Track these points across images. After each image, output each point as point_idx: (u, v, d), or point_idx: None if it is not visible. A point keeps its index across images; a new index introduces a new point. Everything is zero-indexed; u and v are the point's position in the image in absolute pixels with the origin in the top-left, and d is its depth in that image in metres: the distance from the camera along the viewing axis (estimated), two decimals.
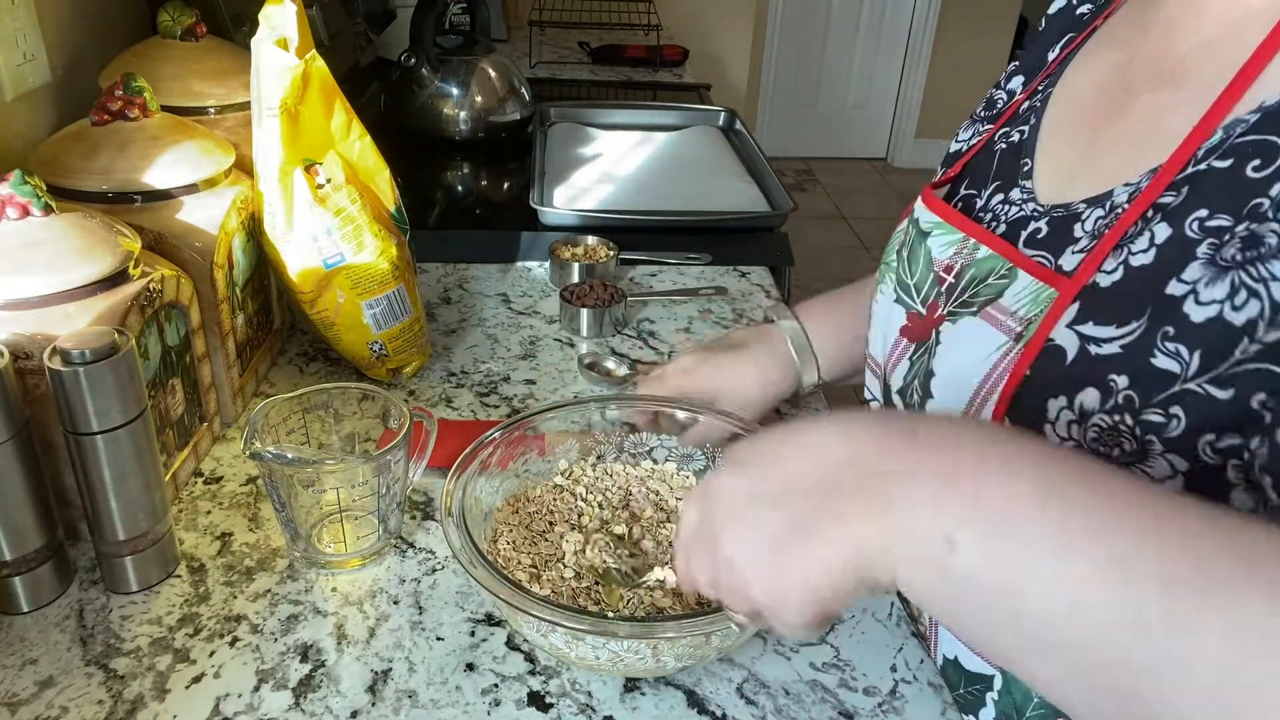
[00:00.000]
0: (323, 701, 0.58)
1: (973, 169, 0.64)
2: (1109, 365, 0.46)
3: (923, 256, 0.60)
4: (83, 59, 0.99)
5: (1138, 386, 0.44)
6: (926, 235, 0.61)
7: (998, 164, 0.61)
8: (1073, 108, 0.58)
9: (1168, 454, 0.44)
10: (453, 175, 1.51)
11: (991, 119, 0.66)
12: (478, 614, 0.65)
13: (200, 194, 0.79)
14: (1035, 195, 0.56)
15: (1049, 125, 0.59)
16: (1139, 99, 0.52)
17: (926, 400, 0.56)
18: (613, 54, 2.25)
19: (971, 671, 0.57)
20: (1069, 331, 0.48)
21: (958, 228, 0.59)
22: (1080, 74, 0.59)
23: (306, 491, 0.65)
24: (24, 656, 0.60)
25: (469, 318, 1.05)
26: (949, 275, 0.58)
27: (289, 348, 0.97)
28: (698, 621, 0.54)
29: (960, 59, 4.51)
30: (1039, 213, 0.55)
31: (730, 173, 1.43)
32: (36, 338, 0.61)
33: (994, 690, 0.55)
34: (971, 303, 0.55)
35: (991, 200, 0.59)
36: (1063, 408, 0.47)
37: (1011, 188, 0.58)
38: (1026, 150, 0.59)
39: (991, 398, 0.51)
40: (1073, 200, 0.53)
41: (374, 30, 1.85)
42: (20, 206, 0.63)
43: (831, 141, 4.82)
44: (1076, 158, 0.55)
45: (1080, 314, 0.48)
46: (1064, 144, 0.57)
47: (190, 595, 0.65)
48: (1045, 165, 0.57)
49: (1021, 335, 0.51)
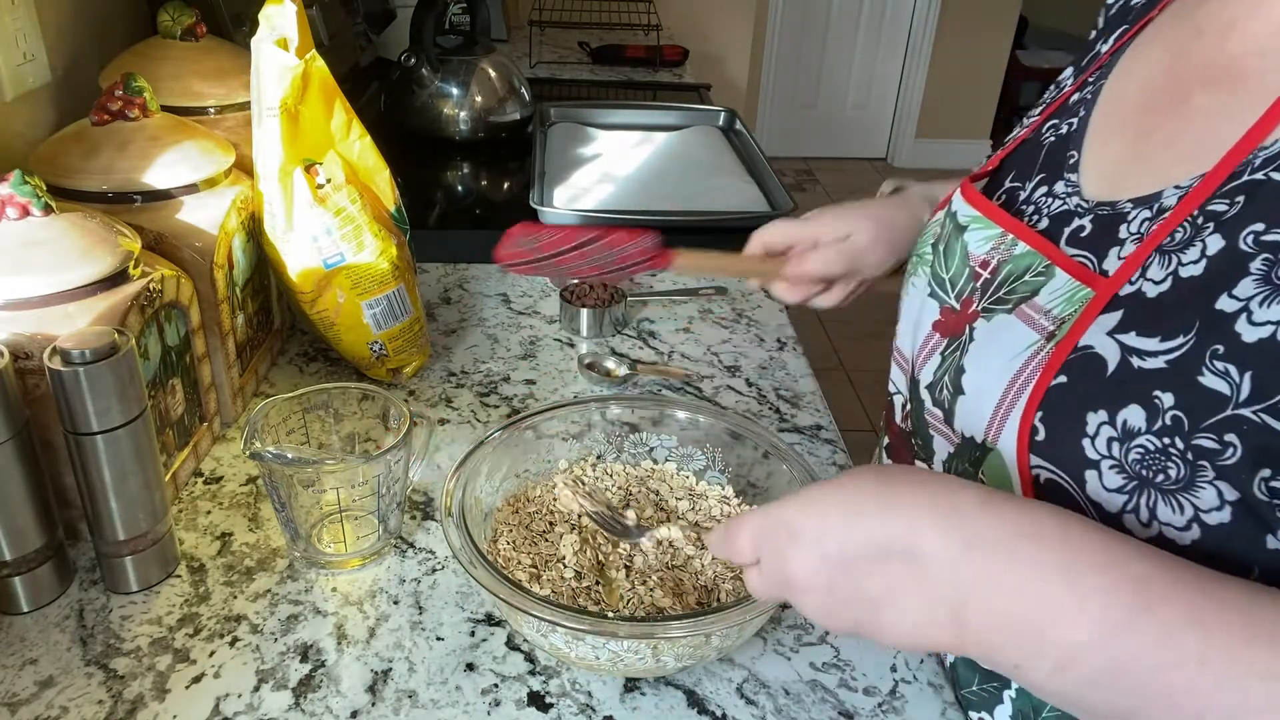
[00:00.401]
0: (323, 701, 0.58)
1: (1017, 160, 0.62)
2: (1153, 380, 0.44)
3: (959, 251, 0.59)
4: (83, 59, 0.99)
5: (1184, 406, 0.43)
6: (964, 229, 0.60)
7: (1045, 156, 0.59)
8: (1122, 104, 0.56)
9: (1218, 481, 0.42)
10: (453, 175, 1.51)
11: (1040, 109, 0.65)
12: (478, 614, 0.65)
13: (200, 194, 0.79)
14: (1080, 190, 0.55)
15: (1098, 119, 0.57)
16: (1192, 99, 0.51)
17: (957, 397, 0.56)
18: (613, 54, 2.25)
19: (987, 670, 0.57)
20: (1110, 340, 0.46)
21: (996, 222, 0.58)
22: (1131, 70, 0.57)
23: (306, 491, 0.65)
24: (24, 656, 0.60)
25: (469, 318, 1.05)
26: (985, 271, 0.57)
27: (289, 348, 0.97)
28: (698, 622, 0.54)
29: (960, 59, 4.51)
30: (1083, 209, 0.53)
31: (730, 173, 1.43)
32: (36, 338, 0.61)
33: (1011, 689, 0.55)
34: (1006, 300, 0.54)
35: (1035, 193, 0.58)
36: (1103, 423, 0.46)
37: (1056, 180, 0.57)
38: (1074, 142, 0.57)
39: (1022, 397, 0.50)
40: (1119, 199, 0.51)
41: (374, 30, 1.85)
42: (20, 206, 0.63)
43: (831, 141, 4.82)
44: (1124, 155, 0.54)
45: (1123, 323, 0.46)
46: (1112, 140, 0.55)
47: (190, 595, 0.65)
48: (1092, 159, 0.56)
49: (1054, 335, 0.50)
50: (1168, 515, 0.43)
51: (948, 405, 0.57)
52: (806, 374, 0.97)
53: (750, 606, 0.55)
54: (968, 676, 0.59)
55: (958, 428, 0.56)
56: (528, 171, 1.40)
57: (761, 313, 1.09)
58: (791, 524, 0.46)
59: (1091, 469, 0.46)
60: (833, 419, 0.91)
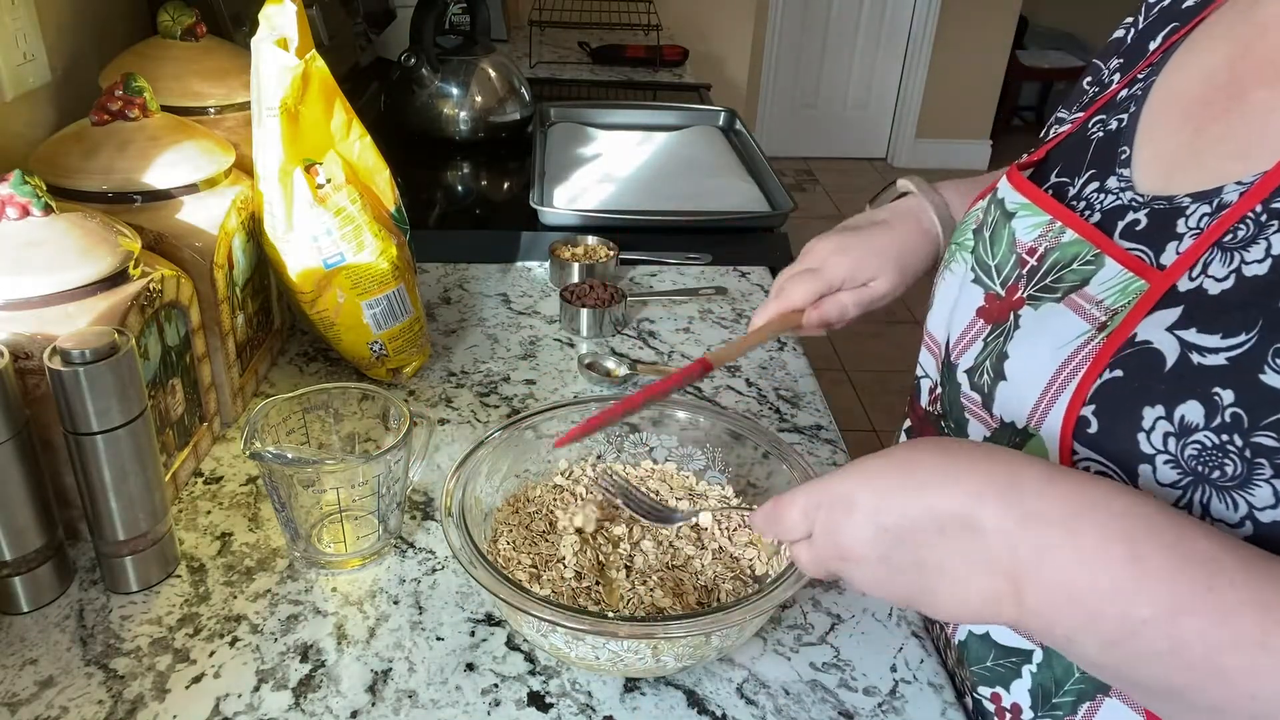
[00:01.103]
0: (323, 701, 0.58)
1: (1064, 155, 0.61)
2: (1213, 377, 0.44)
3: (1006, 237, 0.59)
4: (83, 59, 0.99)
5: (1245, 404, 0.42)
6: (1011, 215, 0.59)
7: (1094, 151, 0.59)
8: (1177, 99, 0.56)
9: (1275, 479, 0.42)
10: (453, 175, 1.51)
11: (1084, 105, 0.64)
12: (478, 614, 0.65)
13: (200, 194, 0.79)
14: (1134, 184, 0.54)
15: (1150, 115, 0.57)
16: (1252, 95, 0.51)
17: (998, 382, 0.56)
18: (613, 54, 2.25)
19: (1006, 646, 0.56)
20: (1169, 336, 0.46)
21: (1045, 209, 0.57)
22: (1186, 66, 0.57)
23: (306, 491, 0.65)
24: (24, 656, 0.60)
25: (469, 318, 1.05)
26: (1031, 258, 0.56)
27: (289, 348, 0.97)
28: (698, 622, 0.54)
29: (960, 59, 4.51)
30: (1138, 203, 0.53)
31: (730, 173, 1.43)
32: (36, 338, 0.61)
33: (1032, 663, 0.55)
34: (1055, 288, 0.54)
35: (1086, 188, 0.57)
36: (1160, 417, 0.45)
37: (1108, 175, 0.56)
38: (1125, 138, 0.57)
39: (1069, 385, 0.50)
40: (1176, 193, 0.51)
41: (374, 30, 1.85)
42: (20, 206, 0.63)
43: (831, 141, 4.82)
44: (1180, 150, 0.53)
45: (1184, 318, 0.46)
46: (1167, 135, 0.55)
47: (190, 595, 0.65)
48: (1145, 155, 0.55)
49: (1105, 325, 0.49)
50: (1221, 511, 0.43)
51: (987, 390, 0.57)
52: (807, 374, 0.97)
53: (750, 606, 0.55)
54: (980, 652, 0.58)
55: (996, 412, 0.56)
56: (528, 171, 1.40)
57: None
58: (848, 496, 0.46)
59: (1145, 463, 0.46)
60: (833, 419, 0.91)
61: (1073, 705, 0.52)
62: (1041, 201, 0.58)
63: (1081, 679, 0.52)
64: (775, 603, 0.56)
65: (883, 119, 4.80)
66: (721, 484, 0.73)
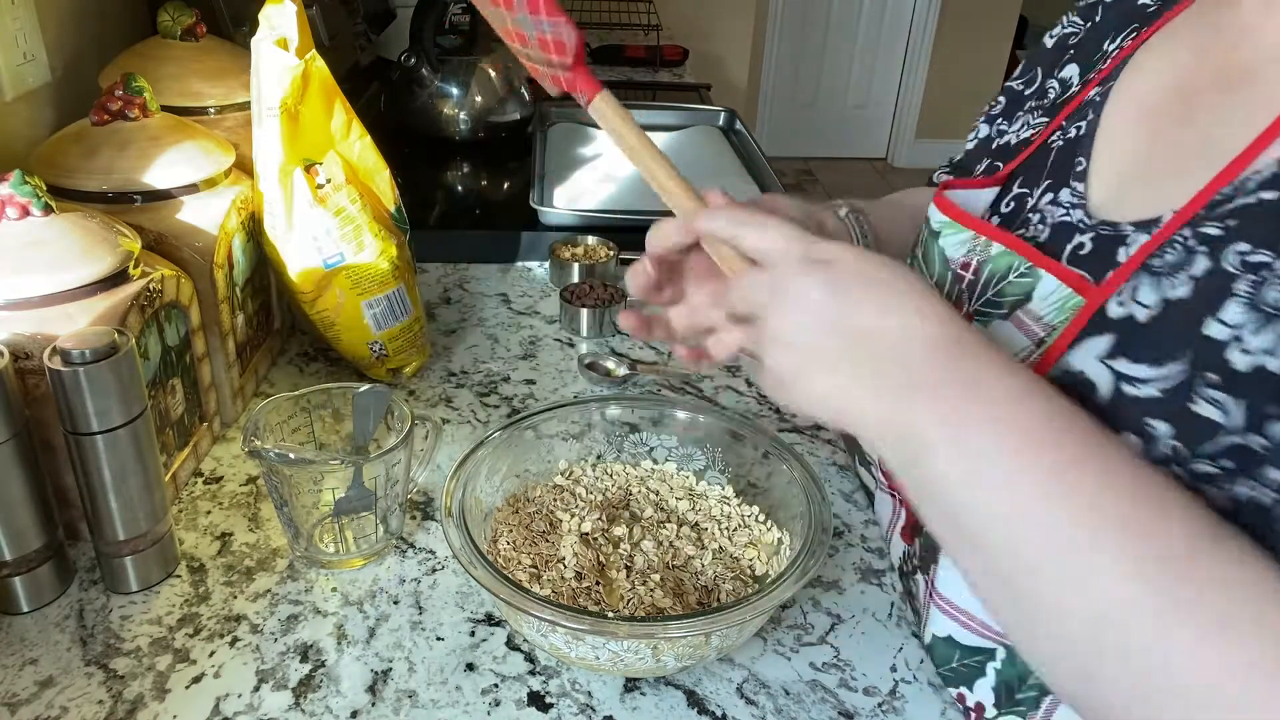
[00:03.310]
0: (323, 701, 0.58)
1: (1027, 167, 0.61)
2: (1146, 408, 0.43)
3: (937, 255, 0.60)
4: (83, 59, 0.99)
5: (1182, 436, 0.42)
6: (937, 235, 0.60)
7: (1053, 161, 0.58)
8: (1135, 105, 0.55)
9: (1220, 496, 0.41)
10: (453, 175, 1.51)
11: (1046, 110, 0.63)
12: (478, 614, 0.65)
13: (200, 194, 0.79)
14: (1086, 201, 0.53)
15: (1109, 122, 0.56)
16: (1200, 106, 0.49)
17: None
18: (613, 54, 2.25)
19: (969, 646, 0.57)
20: (1101, 366, 0.46)
21: (966, 226, 0.58)
22: (1144, 72, 0.56)
23: (307, 491, 0.65)
24: (24, 656, 0.60)
25: (469, 318, 1.05)
26: (967, 272, 0.57)
27: (289, 348, 0.97)
28: (698, 622, 0.54)
29: (960, 59, 4.51)
30: (1085, 224, 0.52)
31: (730, 173, 1.43)
32: (36, 338, 0.61)
33: (996, 660, 0.55)
34: (999, 303, 0.54)
35: (1041, 199, 0.57)
36: None
37: (1062, 187, 0.56)
38: (1082, 148, 0.56)
39: None
40: (1120, 220, 0.50)
41: (374, 30, 1.85)
42: (20, 206, 0.63)
43: (831, 141, 4.82)
44: (1130, 165, 0.52)
45: (1115, 348, 0.45)
46: (1121, 147, 0.54)
47: (190, 595, 0.65)
48: (1100, 167, 0.54)
49: (1043, 341, 0.50)
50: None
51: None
52: None
53: (750, 606, 0.55)
54: (946, 654, 0.59)
55: None
56: (528, 171, 1.40)
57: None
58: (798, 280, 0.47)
59: None
60: None
61: (1035, 700, 0.53)
62: (961, 218, 0.59)
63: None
64: (775, 603, 0.56)
65: (883, 119, 4.80)
66: (722, 484, 0.73)
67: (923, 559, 0.62)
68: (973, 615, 0.56)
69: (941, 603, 0.58)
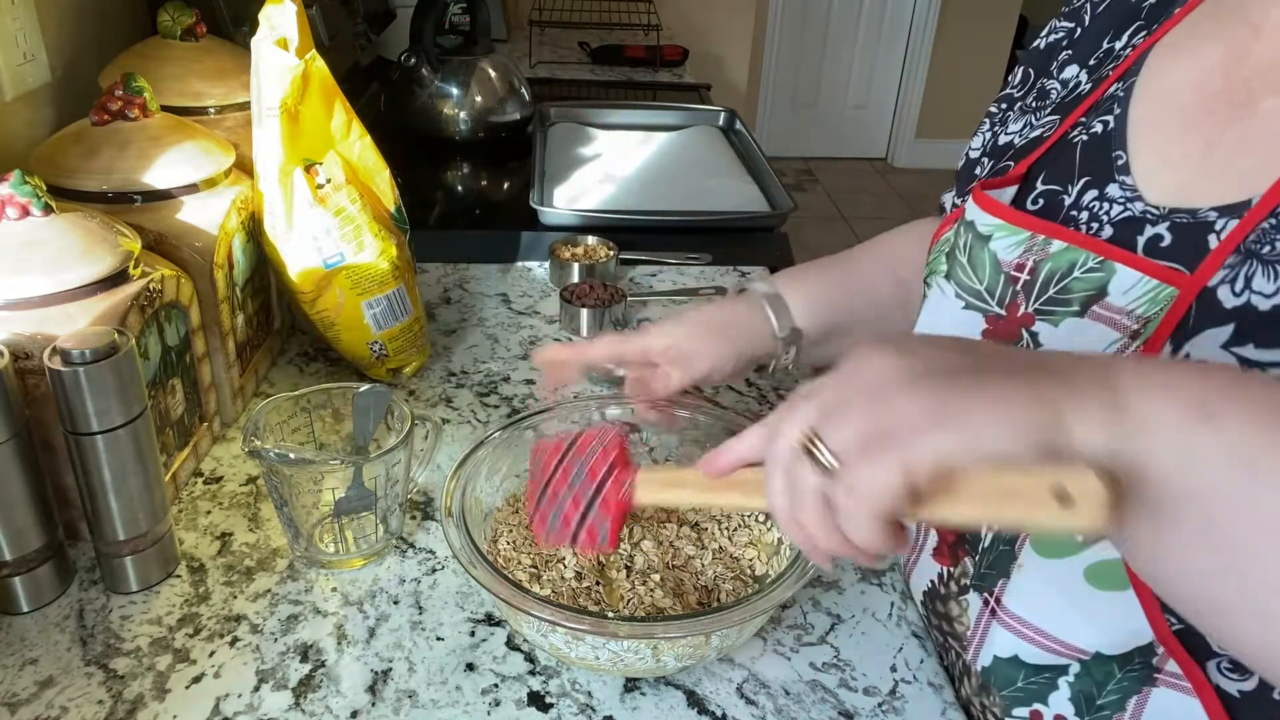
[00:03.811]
0: (323, 701, 0.58)
1: (1048, 164, 0.60)
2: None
3: (987, 260, 0.58)
4: (83, 59, 0.99)
5: None
6: (987, 239, 0.58)
7: (1081, 158, 0.58)
8: (1170, 104, 0.55)
9: None
10: (453, 175, 1.51)
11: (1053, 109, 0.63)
12: (478, 614, 0.65)
13: (200, 194, 0.79)
14: (1142, 195, 0.53)
15: (1142, 121, 0.56)
16: (1263, 102, 0.50)
17: None
18: (613, 54, 2.25)
19: (1036, 665, 0.55)
20: (1226, 354, 0.45)
21: (1022, 227, 0.56)
22: (1173, 69, 0.56)
23: (307, 491, 0.65)
24: (24, 656, 0.60)
25: (469, 318, 1.05)
26: (1022, 273, 0.56)
27: (289, 348, 0.97)
28: (699, 622, 0.54)
29: (960, 59, 4.51)
30: (1155, 215, 0.52)
31: (730, 173, 1.43)
32: (36, 338, 0.61)
33: (1069, 675, 0.54)
34: (1065, 300, 0.53)
35: (1084, 197, 0.56)
36: None
37: (1107, 183, 0.55)
38: (1116, 143, 0.56)
39: None
40: (1200, 206, 0.50)
41: (374, 30, 1.85)
42: (20, 206, 0.63)
43: (831, 141, 4.82)
44: (1192, 160, 0.52)
45: (1237, 336, 0.45)
46: (1169, 143, 0.54)
47: (190, 595, 0.65)
48: (1149, 163, 0.54)
49: (1138, 334, 0.49)
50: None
51: None
52: (807, 374, 0.97)
53: (750, 606, 0.55)
54: (1009, 675, 0.57)
55: None
56: (528, 171, 1.40)
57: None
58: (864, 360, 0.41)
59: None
60: None
61: (1119, 702, 0.52)
62: (1017, 220, 0.57)
63: (1124, 677, 0.51)
64: (775, 603, 0.56)
65: (883, 119, 4.80)
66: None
67: (982, 576, 0.58)
68: (1047, 632, 0.54)
69: (1010, 620, 0.56)
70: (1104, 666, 0.52)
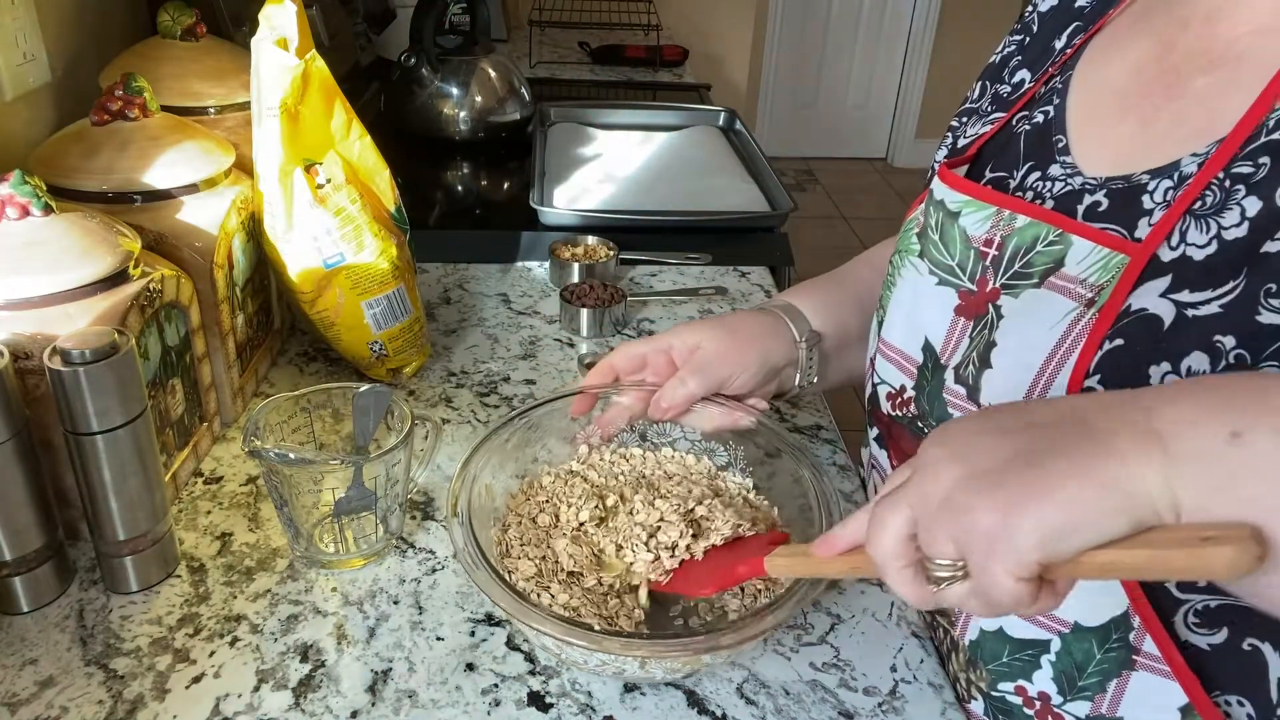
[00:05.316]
0: (323, 701, 0.58)
1: (993, 152, 0.64)
2: (1211, 326, 0.46)
3: (957, 235, 0.60)
4: (83, 59, 0.99)
5: (1247, 344, 0.45)
6: (956, 215, 0.61)
7: (1025, 145, 0.61)
8: (1107, 92, 0.58)
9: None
10: (453, 175, 1.51)
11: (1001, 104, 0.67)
12: (478, 614, 0.65)
13: (200, 194, 0.79)
14: (1082, 170, 0.57)
15: (1080, 108, 0.59)
16: (1192, 83, 0.53)
17: (984, 370, 0.57)
18: (613, 54, 2.25)
19: (1021, 639, 0.57)
20: (1164, 300, 0.48)
21: (989, 202, 0.59)
22: (1109, 61, 0.60)
23: (307, 491, 0.65)
24: (24, 656, 0.60)
25: (469, 318, 1.05)
26: (990, 248, 0.58)
27: (289, 348, 0.97)
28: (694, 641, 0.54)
29: (960, 58, 4.51)
30: (1092, 185, 0.55)
31: (730, 173, 1.43)
32: (36, 338, 0.61)
33: (1050, 652, 0.55)
34: (1027, 274, 0.55)
35: (1028, 179, 0.60)
36: (1167, 373, 0.48)
37: (1049, 164, 0.59)
38: (1056, 128, 0.59)
39: (1067, 362, 0.52)
40: (1133, 172, 0.53)
41: (374, 30, 1.85)
42: (20, 206, 0.63)
43: (831, 141, 4.82)
44: (1130, 137, 0.56)
45: (1174, 284, 0.48)
46: (1106, 126, 0.57)
47: (190, 595, 0.65)
48: (1087, 144, 0.58)
49: (1094, 301, 0.51)
50: None
51: (973, 381, 0.58)
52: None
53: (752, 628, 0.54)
54: (995, 649, 0.58)
55: (984, 401, 0.57)
56: (528, 171, 1.40)
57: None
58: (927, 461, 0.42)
59: None
60: (833, 419, 0.91)
61: (1100, 684, 0.53)
62: (983, 195, 0.60)
63: (1104, 659, 0.53)
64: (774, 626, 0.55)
65: (883, 119, 4.80)
66: (741, 480, 0.73)
67: None
68: None
69: None
70: (1083, 643, 0.53)
